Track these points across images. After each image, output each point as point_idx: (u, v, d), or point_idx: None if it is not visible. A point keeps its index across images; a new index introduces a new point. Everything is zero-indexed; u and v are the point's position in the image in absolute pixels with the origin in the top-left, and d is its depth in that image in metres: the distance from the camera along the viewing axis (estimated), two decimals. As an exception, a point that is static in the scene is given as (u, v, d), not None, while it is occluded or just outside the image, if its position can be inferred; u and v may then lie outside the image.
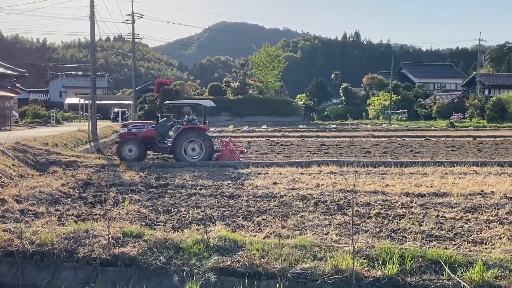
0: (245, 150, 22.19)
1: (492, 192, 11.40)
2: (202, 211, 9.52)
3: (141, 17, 54.40)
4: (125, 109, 59.26)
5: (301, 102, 77.79)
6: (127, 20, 53.31)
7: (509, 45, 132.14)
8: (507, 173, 14.96)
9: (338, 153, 23.10)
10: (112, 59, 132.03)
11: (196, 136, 18.82)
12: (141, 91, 71.65)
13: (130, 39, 57.83)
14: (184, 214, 9.50)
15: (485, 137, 34.86)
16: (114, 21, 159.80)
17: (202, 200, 10.81)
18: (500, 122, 55.19)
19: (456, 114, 63.01)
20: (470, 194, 11.24)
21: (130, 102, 58.31)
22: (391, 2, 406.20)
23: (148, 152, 20.15)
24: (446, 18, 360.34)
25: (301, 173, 14.99)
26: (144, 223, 8.73)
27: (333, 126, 55.44)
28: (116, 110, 58.10)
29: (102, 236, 7.39)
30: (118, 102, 64.48)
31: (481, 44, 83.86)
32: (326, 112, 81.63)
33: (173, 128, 20.08)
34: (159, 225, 8.70)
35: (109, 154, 22.95)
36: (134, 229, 7.70)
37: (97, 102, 31.74)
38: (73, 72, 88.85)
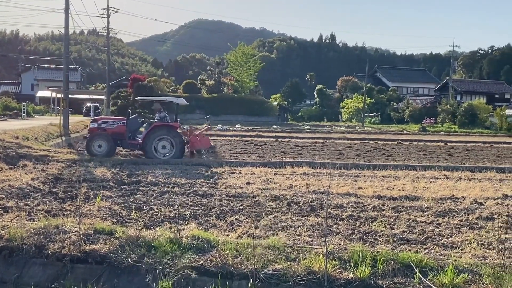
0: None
1: (463, 197, 11.56)
2: (174, 210, 9.45)
3: (116, 12, 53.89)
4: (98, 104, 58.60)
5: (276, 103, 77.95)
6: (102, 14, 52.78)
7: (482, 52, 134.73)
8: (477, 178, 15.20)
9: (312, 154, 23.19)
10: (86, 53, 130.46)
11: (166, 134, 18.69)
12: (114, 86, 70.88)
13: (105, 34, 57.31)
14: (156, 212, 9.41)
15: (456, 142, 35.40)
16: (89, 15, 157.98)
17: (174, 198, 10.73)
18: (471, 128, 56.13)
19: (428, 118, 63.86)
20: (441, 198, 11.38)
21: (103, 97, 57.64)
22: (367, 6, 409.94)
23: (121, 148, 19.95)
24: (420, 23, 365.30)
25: (274, 174, 15.01)
26: (115, 220, 8.62)
27: (307, 127, 55.68)
28: (88, 104, 57.45)
29: (72, 232, 7.27)
30: (91, 96, 63.72)
31: (454, 50, 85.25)
32: (300, 113, 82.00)
33: (144, 125, 19.91)
34: (131, 222, 8.60)
35: (81, 149, 22.63)
36: (106, 226, 7.60)
37: (70, 96, 31.31)
38: (46, 65, 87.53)
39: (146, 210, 9.55)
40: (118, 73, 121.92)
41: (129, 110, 20.45)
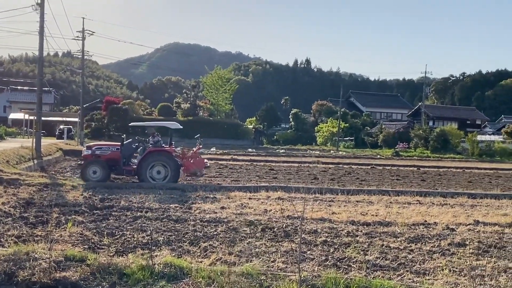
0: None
1: (435, 222, 11.67)
2: (147, 235, 9.33)
3: (92, 34, 53.59)
4: (71, 127, 58.03)
5: (251, 126, 78.13)
6: (77, 36, 52.42)
7: (453, 78, 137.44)
8: (449, 204, 15.39)
9: (287, 178, 23.23)
10: (60, 75, 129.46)
11: (162, 159, 18.61)
12: (88, 109, 70.44)
13: (80, 56, 56.91)
14: (129, 237, 9.28)
15: (429, 167, 35.83)
16: (64, 37, 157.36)
17: (148, 224, 10.61)
18: (443, 153, 56.88)
19: (401, 143, 64.55)
20: (414, 224, 11.47)
21: (76, 119, 57.09)
22: (342, 32, 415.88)
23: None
24: (393, 50, 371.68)
25: (249, 198, 14.97)
26: (87, 246, 8.48)
27: (282, 151, 55.81)
28: (61, 127, 56.82)
29: (43, 259, 7.12)
30: (64, 119, 63.08)
31: (426, 77, 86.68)
32: (275, 137, 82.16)
33: (138, 150, 19.70)
34: (102, 248, 8.47)
35: (53, 172, 22.35)
36: (77, 253, 7.47)
37: (43, 118, 30.96)
38: (19, 87, 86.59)
39: (118, 236, 9.42)
40: (93, 95, 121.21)
41: (123, 136, 20.22)
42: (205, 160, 20.88)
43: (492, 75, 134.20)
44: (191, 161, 19.57)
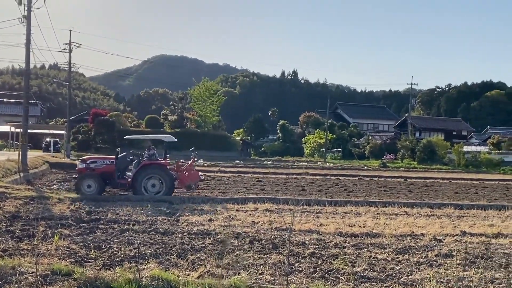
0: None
1: (422, 234, 11.72)
2: (135, 248, 9.28)
3: (78, 47, 53.45)
4: (58, 139, 57.68)
5: (239, 138, 78.22)
6: (64, 49, 52.23)
7: (439, 89, 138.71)
8: (436, 215, 15.47)
9: (274, 190, 23.23)
10: (47, 88, 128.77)
11: (156, 172, 18.57)
12: (75, 121, 70.10)
13: (66, 68, 56.68)
14: (116, 251, 9.22)
15: (416, 178, 36.02)
16: (50, 50, 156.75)
17: (135, 237, 10.55)
18: (429, 164, 57.24)
19: (388, 154, 64.90)
20: (401, 235, 11.52)
21: (63, 132, 56.77)
22: (329, 44, 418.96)
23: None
24: (380, 62, 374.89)
25: (237, 210, 14.95)
26: (74, 260, 8.40)
27: (270, 162, 55.85)
28: (48, 140, 56.48)
29: (29, 273, 7.05)
30: (51, 131, 62.70)
31: (413, 88, 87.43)
32: (263, 148, 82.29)
33: (133, 163, 19.60)
34: (89, 262, 8.40)
35: (39, 185, 22.18)
36: (63, 267, 7.40)
37: (29, 131, 30.74)
38: (5, 99, 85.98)
39: (105, 249, 9.35)
40: (79, 108, 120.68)
41: (117, 149, 20.13)
42: (200, 173, 20.85)
43: (478, 87, 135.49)
44: (186, 174, 19.54)
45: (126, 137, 23.17)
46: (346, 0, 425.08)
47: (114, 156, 19.23)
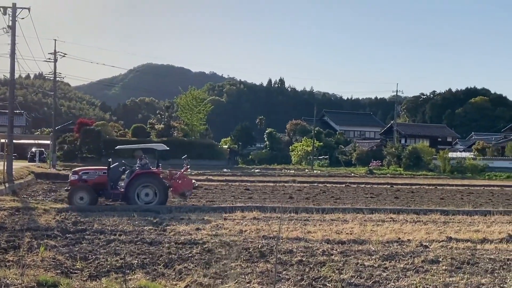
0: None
1: (409, 240, 11.78)
2: (121, 259, 9.24)
3: (63, 56, 53.25)
4: (43, 149, 57.27)
5: (226, 146, 78.12)
6: (49, 58, 52.02)
7: (424, 96, 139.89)
8: (422, 221, 15.56)
9: (262, 198, 23.23)
10: (32, 97, 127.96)
11: (149, 181, 18.51)
12: (61, 131, 69.58)
13: (52, 78, 56.44)
14: (102, 261, 9.16)
15: (402, 184, 36.22)
16: (35, 59, 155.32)
17: (121, 247, 10.50)
18: (415, 170, 57.55)
19: (374, 161, 65.18)
20: (388, 241, 11.57)
21: (48, 142, 56.42)
22: (315, 52, 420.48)
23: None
24: (365, 69, 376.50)
25: (224, 219, 14.94)
26: (60, 271, 8.33)
27: (258, 170, 55.85)
28: (33, 150, 56.06)
29: (15, 285, 7.01)
30: (36, 141, 62.33)
31: (398, 95, 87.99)
32: (250, 157, 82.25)
33: (125, 173, 19.49)
34: (75, 273, 8.34)
35: (25, 196, 22.00)
36: (49, 278, 7.35)
37: (14, 141, 30.54)
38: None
39: (91, 260, 9.29)
40: (65, 117, 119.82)
41: (109, 160, 20.01)
42: (193, 180, 20.84)
43: (462, 93, 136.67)
44: (179, 182, 19.50)
45: (118, 147, 23.05)
46: (331, 9, 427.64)
47: (106, 167, 19.13)
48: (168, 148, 21.09)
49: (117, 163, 19.69)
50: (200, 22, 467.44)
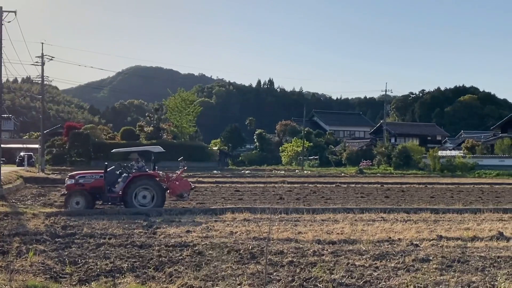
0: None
1: (399, 239, 11.79)
2: (111, 262, 9.17)
3: (51, 59, 52.96)
4: (32, 153, 56.91)
5: (216, 148, 78.01)
6: (37, 62, 51.72)
7: (413, 95, 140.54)
8: (412, 219, 15.59)
9: (252, 199, 23.20)
10: (20, 101, 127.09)
11: (146, 183, 18.44)
12: (49, 135, 69.23)
13: (39, 81, 56.11)
14: (92, 265, 9.08)
15: (392, 184, 36.34)
16: (22, 63, 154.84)
17: (111, 250, 10.42)
18: (405, 169, 57.78)
19: (364, 161, 65.40)
20: (379, 241, 11.57)
21: (37, 146, 56.10)
22: (304, 52, 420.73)
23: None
24: (355, 69, 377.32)
25: (215, 221, 14.91)
26: (49, 276, 8.26)
27: (248, 171, 55.84)
28: (22, 154, 55.69)
29: (2, 291, 6.93)
30: (25, 146, 61.93)
31: (387, 94, 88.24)
32: (240, 158, 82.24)
33: (122, 176, 19.38)
34: (65, 277, 8.27)
35: (13, 200, 21.84)
36: (38, 283, 7.30)
37: (2, 145, 30.29)
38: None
39: (81, 264, 9.21)
40: (53, 121, 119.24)
41: (106, 163, 19.88)
42: (189, 182, 20.82)
43: (451, 92, 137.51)
44: (177, 183, 19.46)
45: (114, 150, 22.97)
46: (320, 9, 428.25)
47: (103, 170, 19.03)
48: (164, 150, 21.07)
49: (113, 167, 19.63)
50: (188, 24, 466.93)
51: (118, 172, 19.53)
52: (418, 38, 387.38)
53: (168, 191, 19.12)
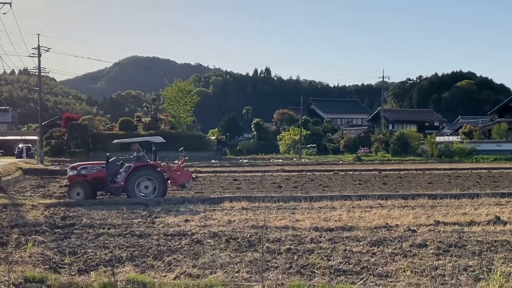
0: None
1: (396, 225, 11.86)
2: (110, 252, 9.23)
3: (48, 51, 52.77)
4: (30, 145, 56.90)
5: (214, 137, 78.03)
6: (33, 53, 51.56)
7: (411, 82, 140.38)
8: (410, 205, 15.66)
9: (250, 188, 23.26)
10: (17, 93, 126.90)
11: (148, 174, 18.51)
12: (47, 126, 69.10)
13: (36, 73, 55.95)
14: (91, 255, 9.14)
15: (390, 170, 36.42)
16: (19, 55, 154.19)
17: (110, 240, 10.48)
18: (403, 156, 57.88)
19: (362, 148, 65.43)
20: (376, 227, 11.64)
21: (35, 137, 56.05)
22: (300, 40, 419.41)
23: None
24: (352, 56, 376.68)
25: (213, 210, 14.97)
26: (48, 266, 8.31)
27: (246, 161, 55.89)
28: (20, 146, 55.68)
29: (1, 282, 6.96)
30: (23, 137, 61.92)
31: (384, 81, 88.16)
32: (238, 147, 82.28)
33: (124, 166, 19.43)
34: (64, 267, 8.32)
35: (12, 192, 21.86)
36: (37, 274, 7.32)
37: (1, 137, 30.30)
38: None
39: (80, 254, 9.27)
40: (51, 113, 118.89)
41: (107, 154, 19.92)
42: (191, 172, 20.92)
43: (448, 77, 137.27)
44: (179, 173, 19.54)
45: (115, 141, 23.04)
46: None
47: (105, 161, 19.09)
48: (165, 141, 21.12)
49: (115, 157, 19.69)
50: (184, 14, 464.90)
51: (119, 163, 19.61)
52: (415, 25, 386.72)
53: (169, 181, 19.19)
